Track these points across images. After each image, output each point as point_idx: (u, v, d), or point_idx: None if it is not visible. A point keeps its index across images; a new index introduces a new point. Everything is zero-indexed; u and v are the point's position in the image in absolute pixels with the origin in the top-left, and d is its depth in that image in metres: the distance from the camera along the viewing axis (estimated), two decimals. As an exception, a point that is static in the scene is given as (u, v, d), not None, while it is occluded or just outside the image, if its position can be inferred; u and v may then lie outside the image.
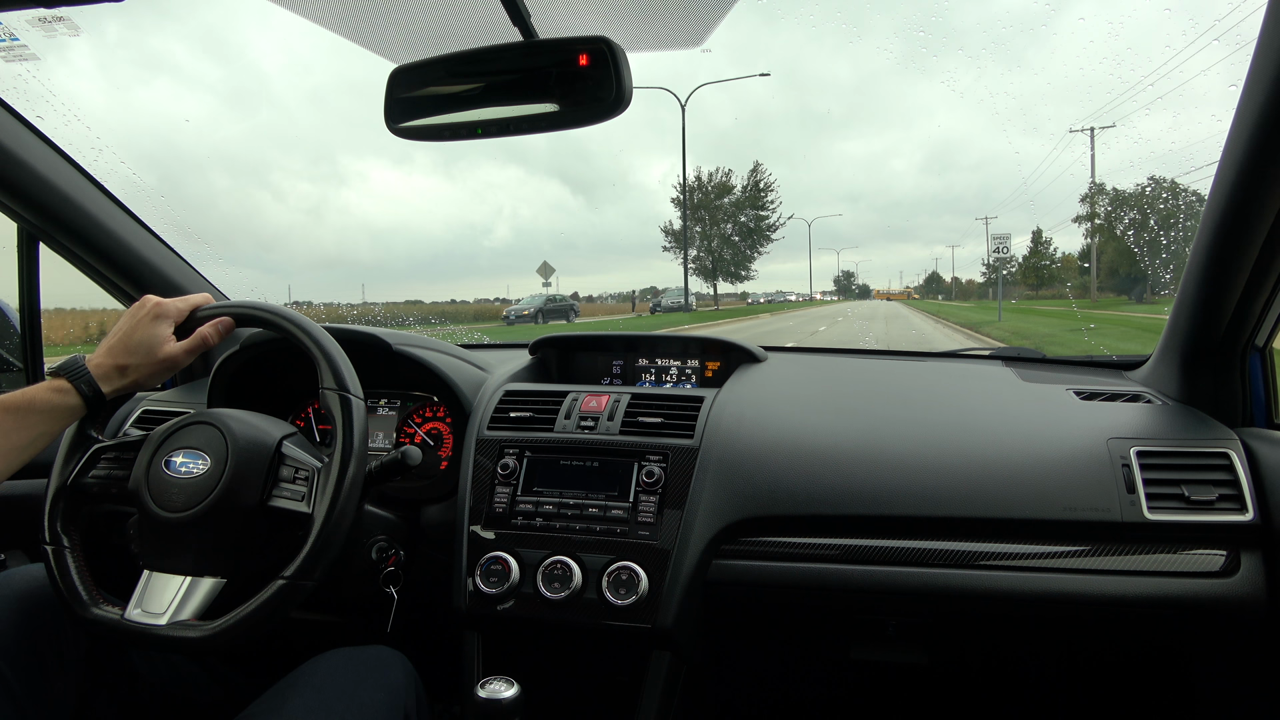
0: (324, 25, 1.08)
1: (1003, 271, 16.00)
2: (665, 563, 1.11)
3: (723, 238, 44.03)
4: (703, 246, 44.51)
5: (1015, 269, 49.17)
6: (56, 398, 0.94)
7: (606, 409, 1.28)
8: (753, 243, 44.17)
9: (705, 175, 46.02)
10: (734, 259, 44.07)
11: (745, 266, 44.27)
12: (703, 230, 44.34)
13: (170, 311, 1.02)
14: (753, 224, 44.19)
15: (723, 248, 44.01)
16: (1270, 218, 0.96)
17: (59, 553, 0.96)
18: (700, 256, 44.60)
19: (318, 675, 0.92)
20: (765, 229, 44.32)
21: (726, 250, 44.10)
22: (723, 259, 44.02)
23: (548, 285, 21.85)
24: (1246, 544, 1.06)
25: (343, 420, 0.97)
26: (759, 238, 44.16)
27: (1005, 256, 13.06)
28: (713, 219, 44.43)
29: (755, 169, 44.96)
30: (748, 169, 52.94)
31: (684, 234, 41.38)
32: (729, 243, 44.09)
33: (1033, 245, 47.19)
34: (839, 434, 1.22)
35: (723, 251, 44.01)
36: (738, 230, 44.32)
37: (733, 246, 44.12)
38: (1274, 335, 1.16)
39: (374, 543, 1.12)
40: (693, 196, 44.55)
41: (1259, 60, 0.88)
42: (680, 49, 1.19)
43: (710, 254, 44.10)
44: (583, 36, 0.86)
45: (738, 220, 44.56)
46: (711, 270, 44.19)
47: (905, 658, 1.34)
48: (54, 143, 1.37)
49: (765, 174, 45.48)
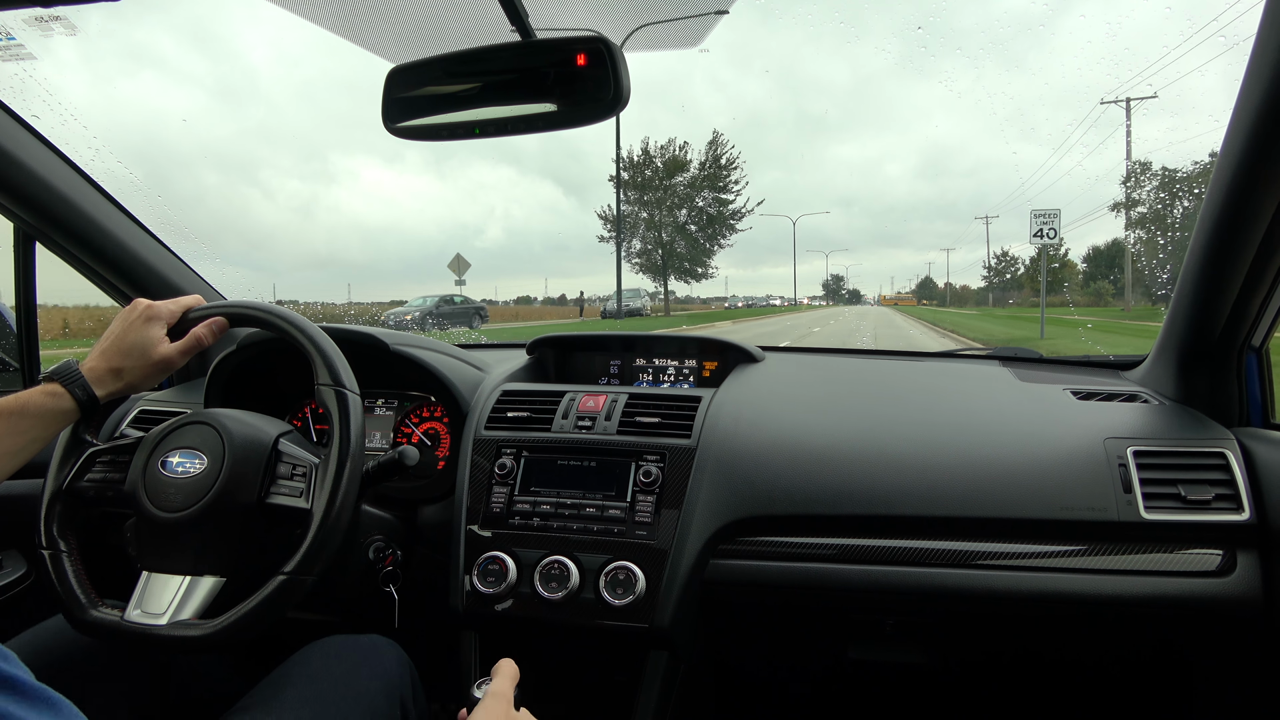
0: (322, 25, 1.08)
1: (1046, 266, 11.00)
2: (663, 562, 1.11)
3: (676, 226, 35.65)
4: (651, 237, 35.94)
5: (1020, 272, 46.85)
6: (50, 401, 0.94)
7: (604, 409, 1.28)
8: (712, 233, 35.75)
9: (654, 147, 37.09)
10: (689, 253, 35.70)
11: (702, 262, 35.86)
12: (650, 217, 35.63)
13: (162, 313, 1.02)
14: (712, 209, 35.59)
15: (675, 239, 35.57)
16: (1267, 218, 0.97)
17: (56, 557, 0.95)
18: (648, 250, 36.06)
19: (312, 664, 0.92)
20: (727, 217, 35.55)
21: (680, 242, 35.64)
22: (675, 253, 35.65)
23: (461, 284, 18.51)
24: (1243, 543, 1.07)
25: (339, 415, 0.97)
26: (720, 227, 35.69)
27: (1053, 240, 9.78)
28: (662, 203, 35.67)
29: (715, 140, 35.48)
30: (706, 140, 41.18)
31: (618, 222, 33.10)
32: (683, 233, 35.62)
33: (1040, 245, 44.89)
34: (836, 434, 1.22)
35: (675, 243, 35.59)
36: (693, 217, 35.79)
37: (688, 237, 35.70)
38: (1270, 335, 1.17)
39: (371, 542, 1.12)
40: (638, 174, 35.72)
41: (1256, 61, 0.89)
42: (679, 49, 1.19)
43: (660, 247, 35.60)
44: (581, 36, 0.86)
45: (693, 205, 35.74)
46: (661, 266, 35.74)
47: (903, 657, 1.34)
48: (50, 142, 1.37)
49: (727, 147, 35.75)
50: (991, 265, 49.38)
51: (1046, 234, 9.15)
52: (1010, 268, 48.39)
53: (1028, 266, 44.32)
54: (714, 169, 35.56)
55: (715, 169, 35.56)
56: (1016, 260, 47.70)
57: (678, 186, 35.81)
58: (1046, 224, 9.01)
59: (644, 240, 36.32)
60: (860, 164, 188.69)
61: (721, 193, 35.87)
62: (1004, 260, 49.59)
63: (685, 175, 35.86)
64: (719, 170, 35.56)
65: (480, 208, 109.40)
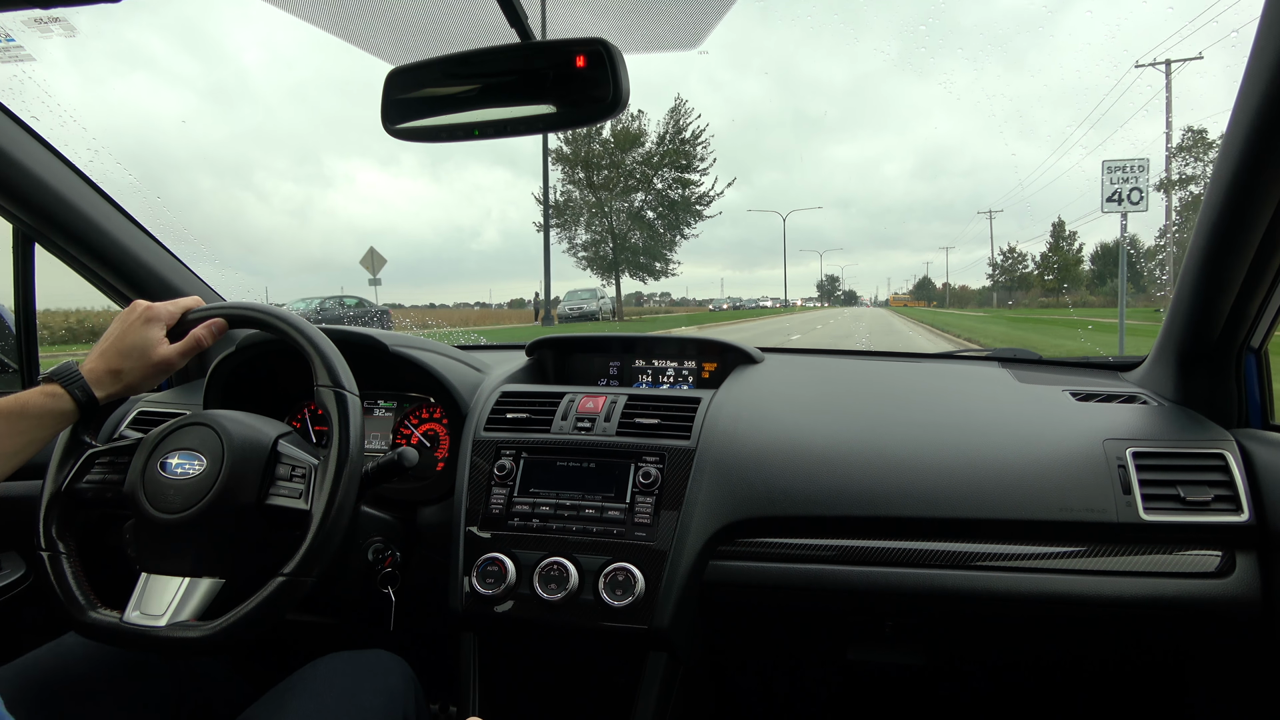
0: (321, 27, 1.08)
1: (1124, 251, 7.26)
2: (662, 564, 1.11)
3: (630, 213, 28.98)
4: (599, 227, 29.00)
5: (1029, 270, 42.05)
6: (49, 402, 0.94)
7: (603, 410, 1.28)
8: (674, 221, 28.93)
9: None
10: (646, 245, 28.98)
11: (661, 256, 29.13)
12: (598, 201, 28.69)
13: (161, 315, 1.02)
14: (674, 193, 28.73)
15: (629, 228, 28.94)
16: (1266, 218, 0.97)
17: (55, 558, 0.95)
18: (596, 241, 29.11)
19: (316, 679, 0.92)
20: (692, 201, 28.85)
21: (636, 231, 29.00)
22: (628, 245, 28.88)
23: (375, 282, 14.55)
24: (1242, 545, 1.07)
25: (338, 416, 0.97)
26: (683, 214, 28.96)
27: (1137, 206, 4.94)
28: (613, 184, 28.67)
29: (676, 109, 28.61)
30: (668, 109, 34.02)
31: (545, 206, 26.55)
32: (639, 221, 28.89)
33: (1053, 240, 38.50)
34: (835, 435, 1.22)
35: (629, 234, 28.92)
36: (651, 201, 28.94)
37: (644, 226, 28.93)
38: (1269, 336, 1.17)
39: (370, 544, 1.12)
40: (582, 148, 28.49)
41: (1255, 61, 0.89)
42: (677, 50, 1.19)
43: (611, 237, 28.73)
44: (580, 38, 0.86)
45: (651, 187, 28.78)
46: (612, 261, 28.82)
47: (902, 658, 1.34)
48: (49, 143, 1.37)
49: (692, 117, 28.69)
50: (998, 262, 44.93)
51: (1129, 197, 5.45)
52: (1019, 265, 44.22)
53: (1038, 264, 40.62)
54: (675, 144, 28.63)
55: (677, 144, 28.62)
56: (1025, 257, 43.62)
57: (632, 164, 28.85)
58: (1129, 181, 5.44)
59: (590, 230, 29.22)
60: (858, 164, 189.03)
61: (685, 172, 28.99)
62: (1010, 257, 45.52)
63: (640, 150, 28.87)
64: (682, 145, 28.64)
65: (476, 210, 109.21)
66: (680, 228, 29.44)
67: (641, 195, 28.98)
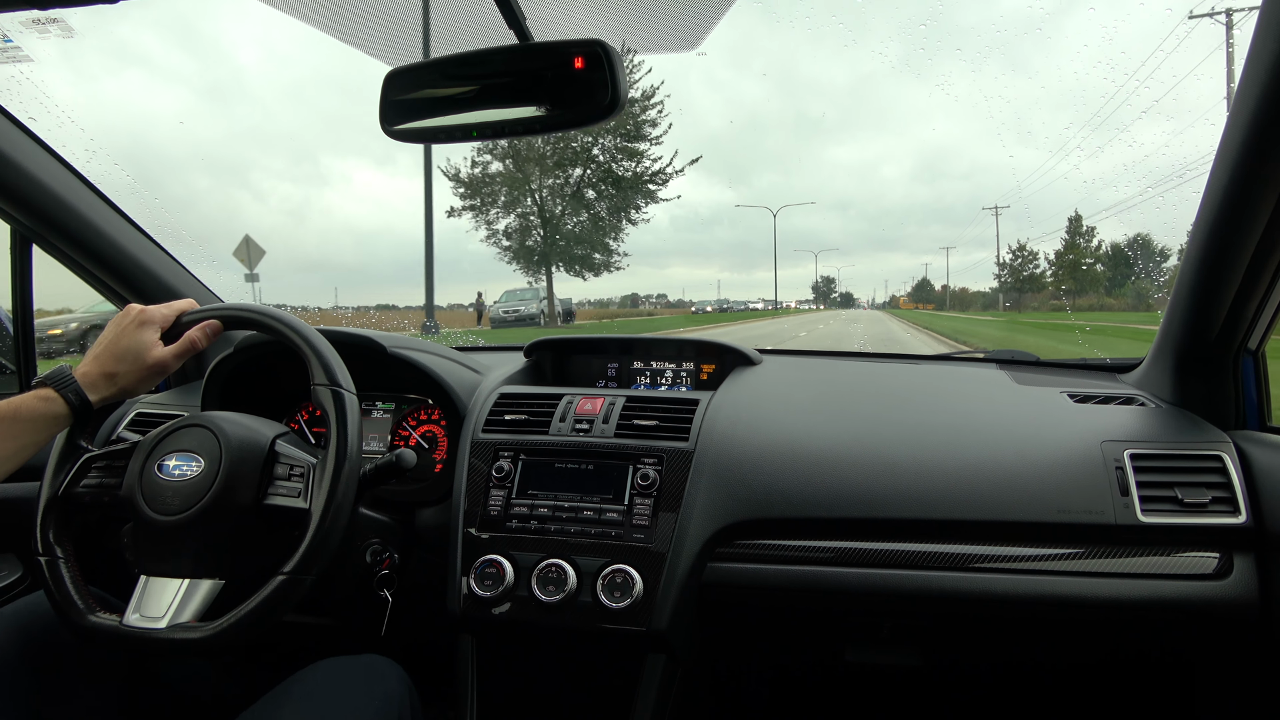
0: (319, 28, 1.08)
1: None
2: (660, 565, 1.11)
3: (564, 191, 22.94)
4: (526, 209, 23.15)
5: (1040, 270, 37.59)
6: (43, 406, 0.93)
7: (601, 412, 1.27)
8: (619, 201, 22.39)
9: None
10: (585, 232, 22.84)
11: (604, 246, 22.87)
12: (524, 177, 22.66)
13: (155, 317, 1.02)
14: (621, 168, 22.25)
15: (565, 211, 22.90)
16: (1263, 221, 0.97)
17: (53, 564, 0.95)
18: (524, 228, 23.26)
19: (311, 684, 0.92)
20: (643, 178, 22.16)
21: (573, 216, 23.00)
22: (562, 232, 22.88)
23: (252, 278, 11.79)
24: (1239, 546, 1.07)
25: (336, 414, 0.97)
26: (631, 192, 22.30)
27: None
28: (543, 157, 22.80)
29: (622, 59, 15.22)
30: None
31: (428, 182, 16.83)
32: (576, 201, 22.73)
33: (1068, 238, 33.83)
34: (834, 437, 1.22)
35: (564, 219, 23.02)
36: (591, 178, 22.66)
37: (583, 208, 22.84)
38: (1266, 338, 1.17)
39: (368, 546, 1.12)
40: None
41: (1252, 63, 0.89)
42: (676, 51, 1.19)
43: (542, 223, 22.85)
44: (578, 39, 0.86)
45: (590, 158, 22.40)
46: (543, 254, 22.85)
47: (900, 660, 1.34)
48: (47, 144, 1.37)
49: (641, 71, 21.60)
50: (1006, 262, 40.47)
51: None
52: (1029, 264, 40.18)
53: (1051, 263, 36.68)
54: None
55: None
56: (1036, 256, 39.28)
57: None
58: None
59: (514, 213, 23.07)
60: (857, 166, 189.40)
61: (632, 140, 22.60)
62: (1021, 256, 40.96)
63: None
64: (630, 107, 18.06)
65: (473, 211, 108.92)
66: (627, 210, 22.32)
67: (579, 170, 22.29)
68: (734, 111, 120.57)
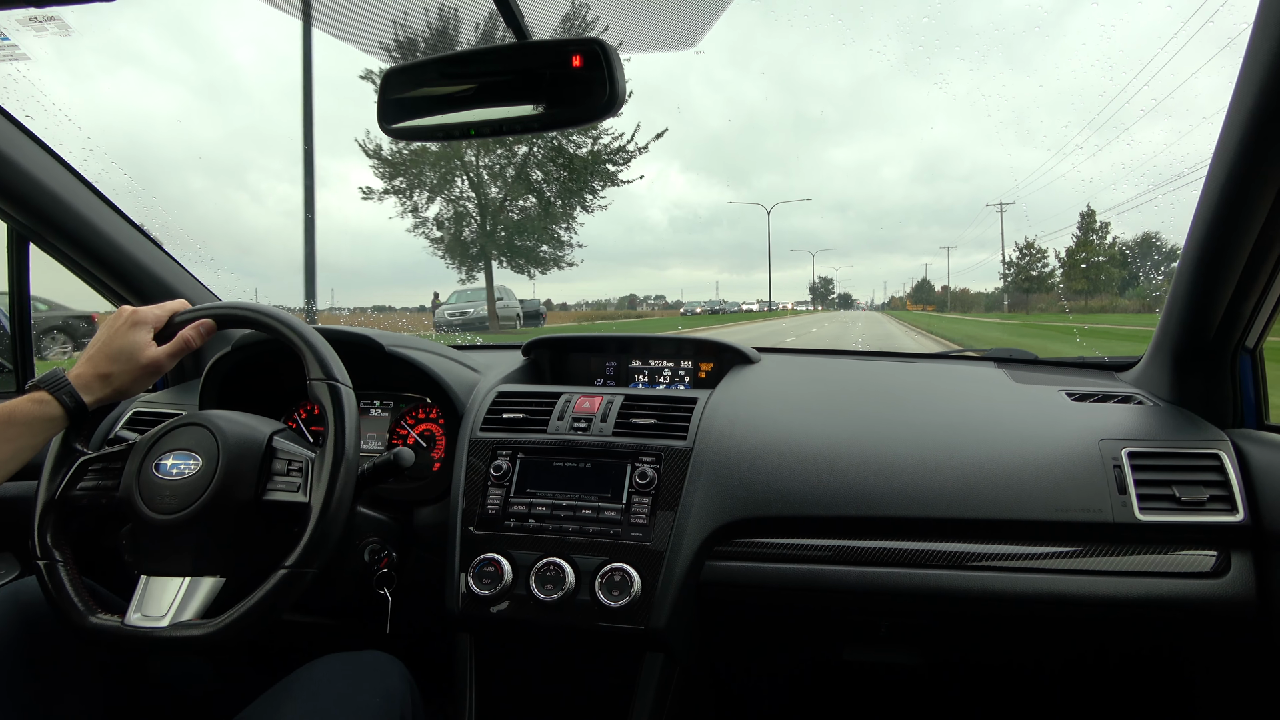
0: (317, 26, 1.07)
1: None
2: (658, 564, 1.11)
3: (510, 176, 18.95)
4: (461, 194, 19.06)
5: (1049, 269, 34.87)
6: (37, 409, 0.93)
7: (599, 410, 1.27)
8: (572, 185, 18.29)
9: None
10: (530, 221, 18.75)
11: (552, 237, 18.50)
12: (456, 157, 18.64)
13: (148, 318, 1.02)
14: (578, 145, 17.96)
15: (507, 197, 18.93)
16: (1261, 219, 0.97)
17: (51, 567, 0.95)
18: (458, 216, 19.05)
19: (313, 680, 0.92)
20: (601, 158, 17.99)
21: (517, 202, 18.93)
22: (504, 221, 18.83)
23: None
24: (1237, 545, 1.07)
25: (333, 408, 0.97)
26: (586, 174, 18.16)
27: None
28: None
29: (571, 14, 4.44)
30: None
31: (307, 160, 9.30)
32: (525, 184, 18.72)
33: (1080, 234, 29.93)
34: (832, 435, 1.22)
35: (506, 206, 18.91)
36: (538, 156, 18.38)
37: (531, 191, 18.72)
38: (1264, 337, 1.17)
39: (367, 544, 1.12)
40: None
41: (1249, 62, 0.89)
42: (674, 50, 1.19)
43: (480, 209, 18.88)
44: (576, 38, 0.86)
45: (539, 138, 17.88)
46: (481, 247, 18.77)
47: (898, 659, 1.34)
48: (44, 142, 1.37)
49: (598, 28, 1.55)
50: (1013, 260, 36.78)
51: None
52: (1038, 262, 36.47)
53: (1063, 261, 32.05)
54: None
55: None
56: (1045, 254, 35.88)
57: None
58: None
59: (444, 198, 18.98)
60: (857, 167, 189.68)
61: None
62: (1028, 253, 36.84)
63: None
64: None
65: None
66: (581, 194, 17.97)
67: (523, 147, 18.20)
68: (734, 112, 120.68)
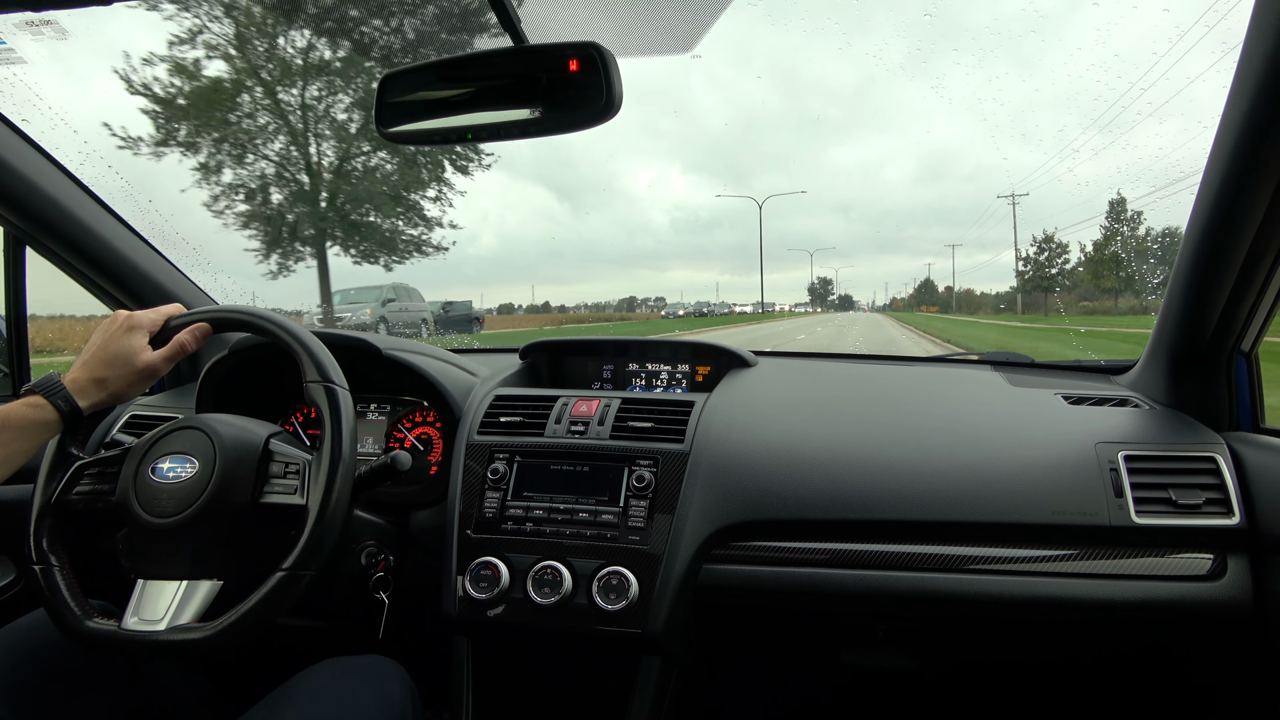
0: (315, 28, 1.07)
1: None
2: (655, 567, 1.11)
3: (353, 128, 12.94)
4: (275, 154, 12.62)
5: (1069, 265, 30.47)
6: (32, 413, 0.93)
7: (597, 414, 1.27)
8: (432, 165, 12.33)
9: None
10: (376, 188, 12.90)
11: (412, 213, 12.85)
12: (269, 99, 12.08)
13: (143, 322, 1.02)
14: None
15: (348, 156, 13.12)
16: (1256, 223, 0.97)
17: (47, 571, 0.95)
18: (266, 180, 12.49)
19: (313, 685, 0.92)
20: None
21: (358, 167, 13.20)
22: (340, 188, 12.91)
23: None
24: (1233, 548, 1.07)
25: (330, 410, 0.97)
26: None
27: None
28: (305, 71, 12.00)
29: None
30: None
31: None
32: (369, 136, 12.14)
33: (1109, 225, 25.80)
34: (829, 438, 1.22)
35: (351, 172, 13.21)
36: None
37: (376, 147, 12.58)
38: (1259, 340, 1.17)
39: (363, 548, 1.12)
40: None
41: (1244, 66, 0.89)
42: (671, 54, 1.19)
43: (306, 168, 12.69)
44: (573, 42, 0.86)
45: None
46: (315, 224, 12.53)
47: (895, 662, 1.34)
48: (40, 145, 1.37)
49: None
50: (1031, 256, 32.36)
51: None
52: (1058, 257, 31.41)
53: (1089, 256, 27.69)
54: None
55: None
56: (1066, 248, 30.94)
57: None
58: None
59: (254, 152, 12.81)
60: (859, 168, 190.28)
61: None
62: (1048, 248, 31.73)
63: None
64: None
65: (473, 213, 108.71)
66: (448, 153, 13.03)
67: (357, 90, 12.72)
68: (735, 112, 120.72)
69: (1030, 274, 32.83)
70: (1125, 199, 24.89)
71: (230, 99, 12.15)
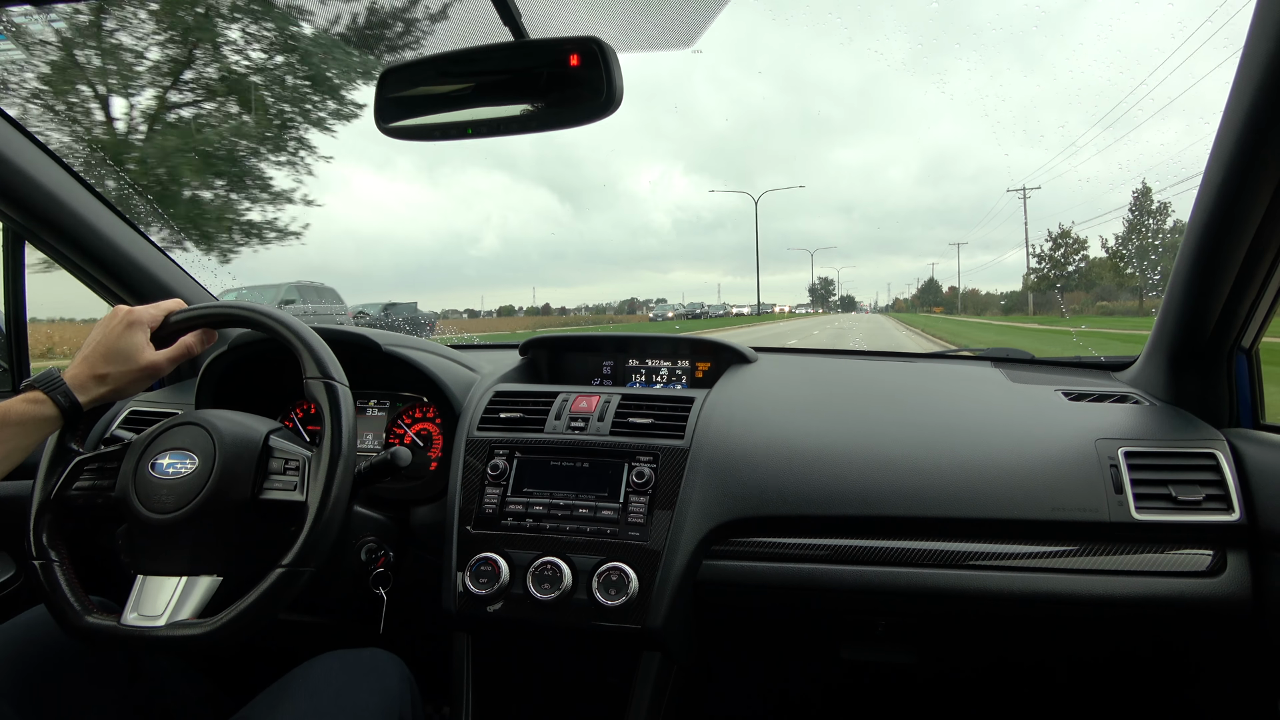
0: (314, 25, 1.07)
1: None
2: (655, 563, 1.11)
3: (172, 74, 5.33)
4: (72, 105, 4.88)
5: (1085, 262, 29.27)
6: (32, 409, 0.92)
7: (597, 410, 1.27)
8: (289, 95, 5.20)
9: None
10: (192, 166, 5.14)
11: (251, 182, 5.70)
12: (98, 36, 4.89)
13: (143, 318, 1.01)
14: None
15: (163, 111, 5.48)
16: (1257, 220, 0.97)
17: (47, 567, 0.94)
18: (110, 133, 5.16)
19: (311, 678, 0.92)
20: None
21: (179, 113, 5.51)
22: (156, 147, 5.25)
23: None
24: (1233, 544, 1.07)
25: (329, 407, 0.96)
26: (316, 84, 4.75)
27: None
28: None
29: None
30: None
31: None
32: (198, 90, 5.40)
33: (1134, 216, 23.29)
34: (828, 435, 1.22)
35: (159, 120, 5.41)
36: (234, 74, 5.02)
37: (202, 98, 5.41)
38: (1260, 337, 1.17)
39: (363, 544, 1.12)
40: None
41: (1246, 63, 0.89)
42: (671, 49, 1.19)
43: (105, 122, 5.18)
44: (573, 37, 0.86)
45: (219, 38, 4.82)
46: (164, 208, 4.91)
47: (894, 658, 1.34)
48: (38, 140, 1.36)
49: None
50: (1045, 252, 30.56)
51: None
52: (1075, 254, 29.89)
53: (1111, 252, 26.33)
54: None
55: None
56: (1085, 244, 29.56)
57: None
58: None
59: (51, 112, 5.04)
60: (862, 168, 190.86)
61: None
62: (1063, 244, 30.07)
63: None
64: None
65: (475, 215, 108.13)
66: (303, 110, 5.79)
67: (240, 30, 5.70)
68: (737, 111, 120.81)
69: (1046, 271, 31.21)
70: (1150, 189, 22.75)
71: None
